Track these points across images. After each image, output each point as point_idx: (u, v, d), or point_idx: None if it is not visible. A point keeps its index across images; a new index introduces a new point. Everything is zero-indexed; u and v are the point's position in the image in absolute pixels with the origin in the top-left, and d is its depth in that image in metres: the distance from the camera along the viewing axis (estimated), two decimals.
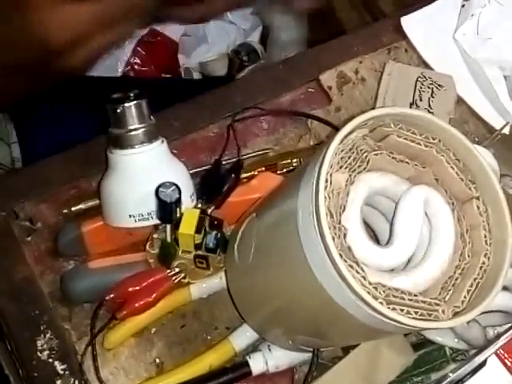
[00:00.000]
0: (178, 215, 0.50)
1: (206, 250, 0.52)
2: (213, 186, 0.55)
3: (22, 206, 0.57)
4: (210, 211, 0.53)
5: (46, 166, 0.60)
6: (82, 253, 0.55)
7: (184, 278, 0.53)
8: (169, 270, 0.52)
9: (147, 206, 0.50)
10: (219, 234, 0.52)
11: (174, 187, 0.48)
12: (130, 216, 0.50)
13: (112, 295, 0.52)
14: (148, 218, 0.50)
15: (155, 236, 0.53)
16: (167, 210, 0.48)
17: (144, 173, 0.51)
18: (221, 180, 0.55)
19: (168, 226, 0.51)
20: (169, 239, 0.51)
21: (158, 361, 0.54)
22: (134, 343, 0.53)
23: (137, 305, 0.52)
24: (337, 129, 0.61)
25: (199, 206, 0.53)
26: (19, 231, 0.56)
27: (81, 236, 0.54)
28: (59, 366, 0.53)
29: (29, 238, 0.56)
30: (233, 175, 0.56)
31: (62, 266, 0.56)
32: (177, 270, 0.52)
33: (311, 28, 1.20)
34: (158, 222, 0.50)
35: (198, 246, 0.52)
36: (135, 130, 0.50)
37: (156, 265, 0.52)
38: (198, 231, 0.51)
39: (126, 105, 0.49)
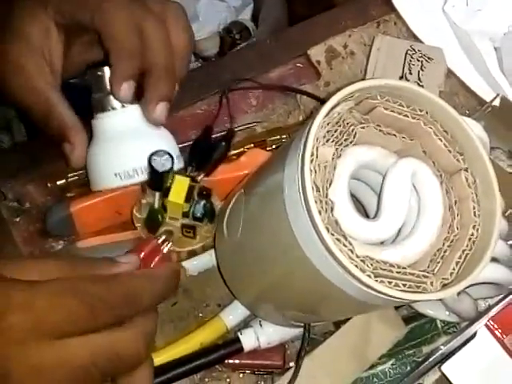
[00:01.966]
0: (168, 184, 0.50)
1: (193, 218, 0.52)
2: (203, 153, 0.55)
3: (9, 186, 0.57)
4: (199, 179, 0.53)
5: (34, 146, 0.59)
6: (71, 233, 0.55)
7: (170, 246, 0.52)
8: (155, 239, 0.51)
9: (132, 162, 0.50)
10: (207, 204, 0.52)
11: (167, 156, 0.47)
12: (115, 175, 0.50)
13: None
14: (133, 176, 0.50)
15: (143, 201, 0.53)
16: (158, 179, 0.48)
17: (127, 131, 0.50)
18: (211, 148, 0.55)
19: (157, 193, 0.51)
20: (157, 206, 0.51)
21: None
22: None
23: None
24: (324, 103, 0.60)
25: (189, 173, 0.53)
26: (7, 212, 0.56)
27: (70, 216, 0.54)
28: None
29: (17, 219, 0.56)
30: (223, 143, 0.55)
31: (51, 246, 0.55)
32: (163, 237, 0.51)
33: (301, 4, 1.19)
34: (143, 178, 0.50)
35: (185, 214, 0.52)
36: None
37: (142, 229, 0.52)
38: (187, 200, 0.50)
39: (106, 67, 0.50)
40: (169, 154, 0.48)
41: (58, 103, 0.49)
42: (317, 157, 0.39)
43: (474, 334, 0.49)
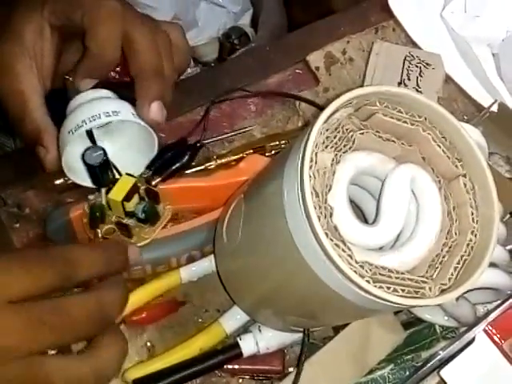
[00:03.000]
0: (112, 178, 0.51)
1: (136, 219, 0.52)
2: (167, 159, 0.55)
3: (9, 192, 0.57)
4: (154, 183, 0.53)
5: (33, 151, 0.59)
6: (71, 238, 0.55)
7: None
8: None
9: (80, 117, 0.50)
10: (146, 206, 0.51)
11: (100, 151, 0.47)
12: (68, 132, 0.50)
13: None
14: (82, 125, 0.49)
15: (90, 198, 0.52)
16: (94, 173, 0.48)
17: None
18: (176, 156, 0.55)
19: (102, 190, 0.51)
20: (104, 202, 0.51)
21: (149, 344, 0.54)
22: (124, 327, 0.53)
23: None
24: (323, 109, 0.61)
25: (146, 175, 0.53)
26: (7, 218, 0.56)
27: (69, 222, 0.54)
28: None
29: (17, 225, 0.56)
30: (188, 153, 0.56)
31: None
32: (100, 235, 0.51)
33: (301, 9, 1.20)
34: (94, 125, 0.50)
35: (129, 214, 0.51)
36: None
37: (86, 225, 0.52)
38: (126, 199, 0.50)
39: None
40: (102, 149, 0.48)
41: (35, 108, 0.50)
42: (316, 163, 0.40)
43: (473, 339, 0.49)
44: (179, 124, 0.62)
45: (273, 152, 0.59)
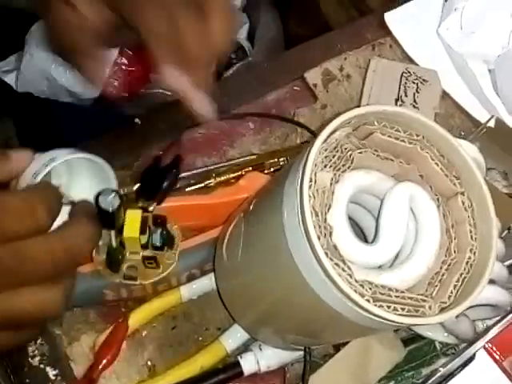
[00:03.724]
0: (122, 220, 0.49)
1: (153, 248, 0.51)
2: (153, 182, 0.54)
3: None
4: (151, 209, 0.52)
5: None
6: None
7: (135, 280, 0.52)
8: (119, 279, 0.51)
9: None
10: (164, 232, 0.51)
11: (114, 194, 0.45)
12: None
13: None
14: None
15: (100, 242, 0.51)
16: (109, 218, 0.46)
17: None
18: (161, 176, 0.54)
19: (112, 232, 0.49)
20: (114, 244, 0.50)
21: (149, 363, 0.54)
22: (125, 346, 0.53)
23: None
24: (311, 131, 0.61)
25: (140, 204, 0.53)
26: None
27: None
28: (51, 372, 0.53)
29: None
30: (174, 170, 0.55)
31: None
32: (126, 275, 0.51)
33: (297, 23, 1.21)
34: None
35: (144, 246, 0.51)
36: None
37: (105, 271, 0.51)
38: (142, 232, 0.50)
39: None
40: (115, 191, 0.46)
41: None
42: (315, 182, 0.40)
43: (473, 356, 0.49)
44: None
45: (272, 169, 0.60)
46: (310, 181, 0.39)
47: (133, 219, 0.49)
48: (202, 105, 0.47)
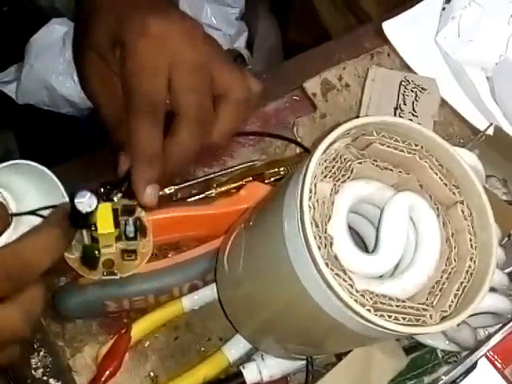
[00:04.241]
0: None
1: (126, 239, 0.50)
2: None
3: None
4: (116, 199, 0.50)
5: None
6: (73, 269, 0.55)
7: (115, 274, 0.50)
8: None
9: None
10: (136, 221, 0.50)
11: (89, 194, 0.44)
12: None
13: None
14: None
15: (72, 242, 0.49)
16: (85, 219, 0.45)
17: None
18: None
19: (84, 231, 0.48)
20: (87, 241, 0.49)
21: (152, 374, 0.54)
22: (127, 357, 0.53)
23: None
24: (303, 146, 0.61)
25: (105, 196, 0.50)
26: None
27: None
28: None
29: None
30: None
31: (52, 282, 0.56)
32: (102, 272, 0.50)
33: (296, 31, 1.21)
34: None
35: (117, 237, 0.50)
36: None
37: (80, 269, 0.50)
38: (116, 226, 0.48)
39: None
40: (90, 191, 0.44)
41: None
42: (315, 193, 0.40)
43: (475, 363, 0.49)
44: None
45: (272, 179, 0.60)
46: (310, 192, 0.40)
47: (104, 214, 0.48)
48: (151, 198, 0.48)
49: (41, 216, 0.45)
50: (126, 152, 0.48)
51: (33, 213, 0.45)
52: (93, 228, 0.47)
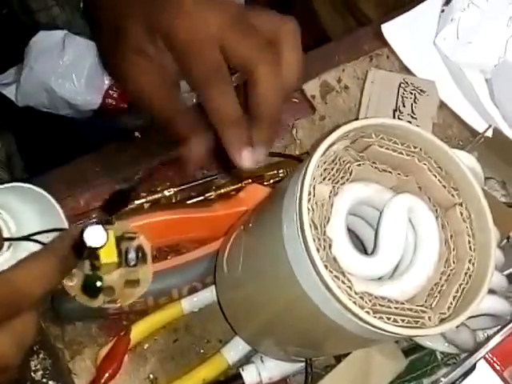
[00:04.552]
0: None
1: (127, 266, 0.49)
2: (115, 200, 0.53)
3: None
4: (115, 223, 0.49)
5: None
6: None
7: (116, 302, 0.50)
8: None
9: None
10: (137, 248, 0.49)
11: (99, 228, 0.42)
12: None
13: None
14: None
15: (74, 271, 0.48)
16: (92, 252, 0.44)
17: None
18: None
19: (86, 260, 0.47)
20: (88, 269, 0.48)
21: (151, 376, 0.54)
22: (126, 359, 0.54)
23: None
24: (298, 159, 0.61)
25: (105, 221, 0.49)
26: None
27: None
28: None
29: None
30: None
31: None
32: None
33: None
34: None
35: (118, 264, 0.48)
36: None
37: (81, 297, 0.49)
38: (119, 253, 0.47)
39: None
40: (99, 223, 0.43)
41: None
42: (314, 195, 0.40)
43: (474, 365, 0.49)
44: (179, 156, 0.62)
45: (271, 181, 0.60)
46: (309, 194, 0.40)
47: (108, 242, 0.45)
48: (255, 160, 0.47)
49: (37, 241, 0.45)
50: (185, 146, 0.48)
51: (28, 238, 0.45)
52: (95, 258, 0.46)
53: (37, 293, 0.40)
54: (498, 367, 0.47)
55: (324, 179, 0.41)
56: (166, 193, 0.58)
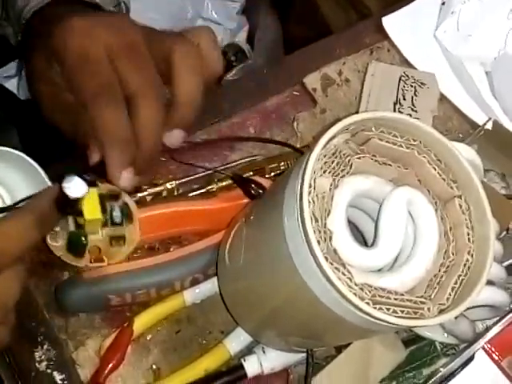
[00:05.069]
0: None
1: (113, 225, 0.49)
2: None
3: None
4: (99, 184, 0.48)
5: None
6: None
7: (102, 261, 0.50)
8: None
9: None
10: (122, 206, 0.49)
11: (78, 179, 0.42)
12: None
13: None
14: None
15: (56, 229, 0.48)
16: (73, 205, 0.44)
17: None
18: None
19: (70, 217, 0.47)
20: (73, 228, 0.47)
21: (154, 367, 0.55)
22: (130, 350, 0.54)
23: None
24: (299, 150, 0.62)
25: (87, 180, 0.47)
26: None
27: None
28: (58, 376, 0.53)
29: None
30: None
31: (56, 277, 0.56)
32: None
33: (297, 25, 1.21)
34: None
35: (103, 224, 0.49)
36: None
37: (66, 256, 0.49)
38: (103, 211, 0.47)
39: None
40: (79, 175, 0.43)
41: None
42: (314, 188, 0.41)
43: (473, 356, 0.50)
44: (180, 148, 0.62)
45: (272, 174, 0.60)
46: (310, 187, 0.40)
47: (91, 199, 0.46)
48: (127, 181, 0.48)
49: None
50: (92, 144, 0.48)
51: (13, 206, 0.45)
52: (78, 215, 0.46)
53: (13, 252, 0.41)
54: (496, 357, 0.48)
55: (324, 172, 0.42)
56: (168, 186, 0.58)
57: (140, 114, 0.47)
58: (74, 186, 0.42)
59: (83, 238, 0.48)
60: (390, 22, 0.70)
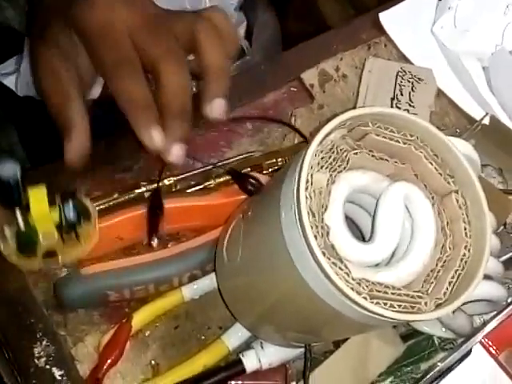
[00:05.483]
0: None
1: (68, 225, 0.47)
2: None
3: None
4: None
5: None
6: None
7: (56, 260, 0.49)
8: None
9: None
10: (75, 202, 0.47)
11: (10, 161, 0.40)
12: None
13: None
14: None
15: (5, 228, 0.46)
16: (10, 191, 0.41)
17: None
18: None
19: (17, 212, 0.44)
20: (22, 227, 0.45)
21: (153, 362, 0.55)
22: (128, 346, 0.54)
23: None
24: (303, 136, 0.62)
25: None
26: None
27: None
28: (57, 372, 0.54)
29: None
30: None
31: (54, 273, 0.56)
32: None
33: (295, 21, 1.21)
34: None
35: (59, 227, 0.47)
36: None
37: (18, 259, 0.47)
38: (50, 203, 0.45)
39: None
40: (12, 157, 0.40)
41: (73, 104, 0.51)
42: (312, 184, 0.41)
43: (471, 350, 0.50)
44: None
45: (270, 170, 0.60)
46: (307, 182, 0.40)
47: (38, 195, 0.44)
48: (178, 156, 0.48)
49: None
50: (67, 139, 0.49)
51: None
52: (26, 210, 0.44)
53: None
54: (493, 351, 0.48)
55: (321, 168, 0.42)
56: (166, 182, 0.58)
57: (163, 77, 0.48)
58: (5, 166, 0.40)
59: (32, 236, 0.46)
60: (387, 17, 0.70)
